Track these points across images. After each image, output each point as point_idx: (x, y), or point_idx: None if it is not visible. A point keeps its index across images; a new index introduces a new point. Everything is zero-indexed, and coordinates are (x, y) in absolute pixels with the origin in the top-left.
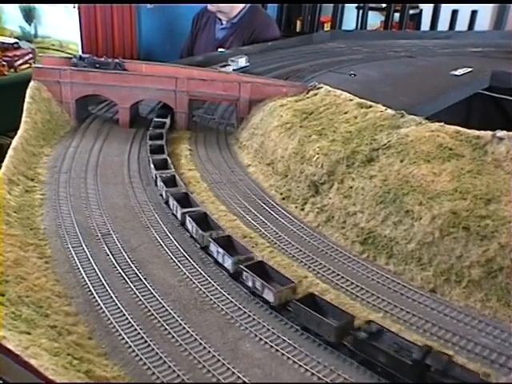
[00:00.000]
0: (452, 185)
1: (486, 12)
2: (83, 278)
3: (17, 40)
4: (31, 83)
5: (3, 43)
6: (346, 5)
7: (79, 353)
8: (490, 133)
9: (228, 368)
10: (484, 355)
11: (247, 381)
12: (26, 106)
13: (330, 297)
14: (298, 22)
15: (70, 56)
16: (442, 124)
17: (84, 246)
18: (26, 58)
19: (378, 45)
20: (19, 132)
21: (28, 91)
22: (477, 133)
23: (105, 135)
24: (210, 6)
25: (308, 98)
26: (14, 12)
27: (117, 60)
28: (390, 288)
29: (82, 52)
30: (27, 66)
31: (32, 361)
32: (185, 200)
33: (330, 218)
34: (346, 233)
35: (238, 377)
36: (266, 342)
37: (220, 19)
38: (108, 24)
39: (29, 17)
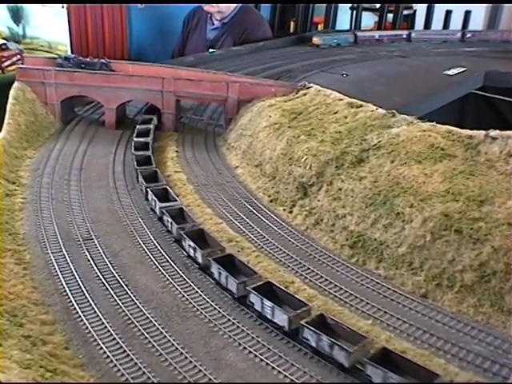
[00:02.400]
0: (444, 186)
1: (479, 12)
2: (62, 284)
3: (5, 41)
4: (15, 84)
5: None
6: (340, 6)
7: (53, 364)
8: (482, 132)
9: (210, 379)
10: (477, 363)
11: None
12: (8, 107)
13: (318, 303)
14: (292, 23)
15: (54, 56)
16: (433, 123)
17: (64, 251)
18: (14, 59)
19: (370, 45)
20: (1, 134)
21: (11, 92)
22: (469, 132)
23: (90, 137)
24: (208, 7)
25: (297, 97)
26: (1, 12)
27: (103, 60)
28: (380, 293)
29: (72, 53)
30: (15, 67)
31: (0, 375)
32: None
33: (319, 220)
34: (335, 236)
35: None
36: (250, 351)
37: (211, 19)
38: (98, 24)
39: (17, 17)
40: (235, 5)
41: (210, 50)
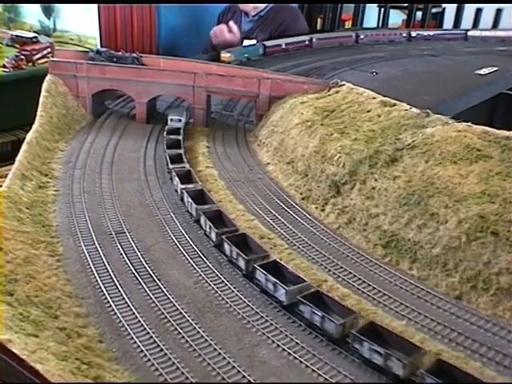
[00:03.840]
0: (480, 187)
1: (511, 10)
2: (95, 277)
3: (35, 34)
4: (47, 77)
5: (22, 37)
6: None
7: (88, 357)
8: None
9: (243, 376)
10: None
11: None
12: (41, 99)
13: (351, 302)
14: (319, 20)
15: (85, 50)
16: (469, 124)
17: (97, 244)
18: (44, 52)
19: (401, 42)
20: (34, 126)
21: (44, 85)
22: (506, 133)
23: (121, 131)
24: (244, 5)
25: (329, 95)
26: (33, 6)
27: (134, 54)
28: (414, 294)
29: (101, 46)
30: (45, 60)
31: (38, 366)
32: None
33: (352, 219)
34: (368, 235)
35: None
36: (283, 349)
37: (247, 13)
38: (127, 18)
39: (48, 11)
40: None
41: (246, 43)
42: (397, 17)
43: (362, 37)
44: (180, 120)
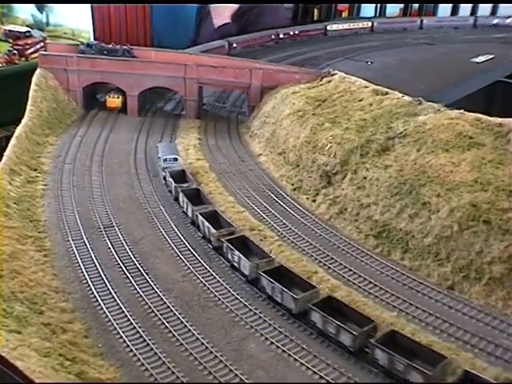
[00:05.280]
0: (472, 175)
1: None
2: (82, 272)
3: (28, 29)
4: (37, 71)
5: (15, 32)
6: None
7: (73, 353)
8: None
9: (230, 370)
10: (506, 358)
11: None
12: (31, 93)
13: (341, 294)
14: (316, 11)
15: (77, 43)
16: (461, 111)
17: (85, 238)
18: (38, 46)
19: (397, 31)
20: (23, 120)
21: (34, 79)
22: (499, 120)
23: (112, 123)
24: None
25: (322, 85)
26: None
27: (125, 47)
28: (405, 285)
29: (95, 40)
30: (38, 54)
31: (18, 363)
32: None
33: (343, 210)
34: (360, 226)
35: (241, 379)
36: (272, 343)
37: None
38: (121, 12)
39: (40, 5)
40: None
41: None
42: (394, 6)
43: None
44: (176, 159)
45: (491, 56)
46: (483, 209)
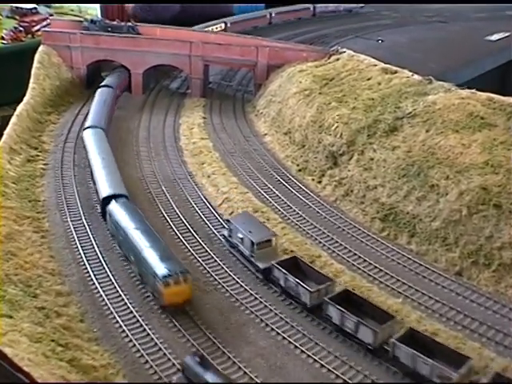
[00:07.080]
0: (483, 157)
1: None
2: (80, 254)
3: (35, 5)
4: (40, 48)
5: (21, 9)
6: None
7: (66, 338)
8: None
9: (229, 357)
10: None
11: (248, 372)
12: (33, 71)
13: (345, 279)
14: None
15: (81, 19)
16: (473, 91)
17: (84, 219)
18: (44, 23)
19: (409, 9)
20: (25, 98)
21: (36, 56)
22: None
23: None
24: None
25: (329, 63)
26: None
27: (130, 23)
28: (412, 270)
29: (102, 16)
30: (42, 31)
31: (7, 349)
32: None
33: (349, 191)
34: (366, 208)
35: (239, 367)
36: (272, 329)
37: None
38: None
39: None
40: None
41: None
42: None
43: None
44: (269, 240)
45: (507, 34)
46: (494, 192)
